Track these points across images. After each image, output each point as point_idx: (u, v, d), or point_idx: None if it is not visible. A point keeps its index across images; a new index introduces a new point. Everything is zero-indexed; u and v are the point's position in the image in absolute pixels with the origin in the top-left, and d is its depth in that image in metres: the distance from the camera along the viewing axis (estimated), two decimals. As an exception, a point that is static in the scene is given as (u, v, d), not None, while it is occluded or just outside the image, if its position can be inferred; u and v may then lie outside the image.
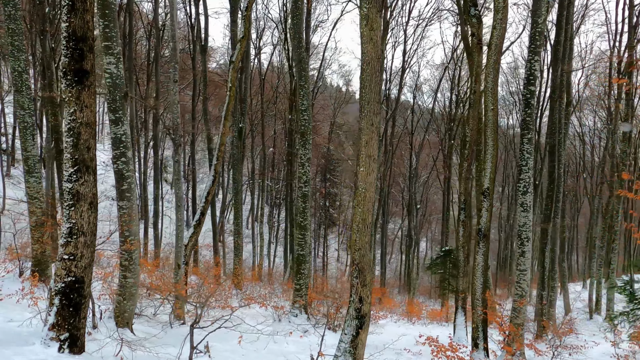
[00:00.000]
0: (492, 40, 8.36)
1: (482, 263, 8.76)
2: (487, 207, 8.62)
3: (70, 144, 5.37)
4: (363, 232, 6.02)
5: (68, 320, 5.47)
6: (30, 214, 11.27)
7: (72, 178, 5.40)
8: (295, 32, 11.02)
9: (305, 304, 11.66)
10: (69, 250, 5.46)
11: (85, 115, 5.38)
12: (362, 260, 6.09)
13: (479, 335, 8.97)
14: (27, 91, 10.78)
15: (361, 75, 5.68)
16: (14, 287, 9.90)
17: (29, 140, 10.95)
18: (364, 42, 5.57)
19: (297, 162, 11.45)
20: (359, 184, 5.96)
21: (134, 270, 7.33)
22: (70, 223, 5.45)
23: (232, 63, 12.71)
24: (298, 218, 11.52)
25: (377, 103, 5.74)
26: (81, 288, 5.54)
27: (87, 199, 5.50)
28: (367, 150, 5.80)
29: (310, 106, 11.39)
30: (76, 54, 5.26)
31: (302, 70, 11.14)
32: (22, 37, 10.64)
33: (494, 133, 8.58)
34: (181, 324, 9.10)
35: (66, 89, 5.30)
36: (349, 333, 6.13)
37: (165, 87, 27.72)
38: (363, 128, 5.78)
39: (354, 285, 6.13)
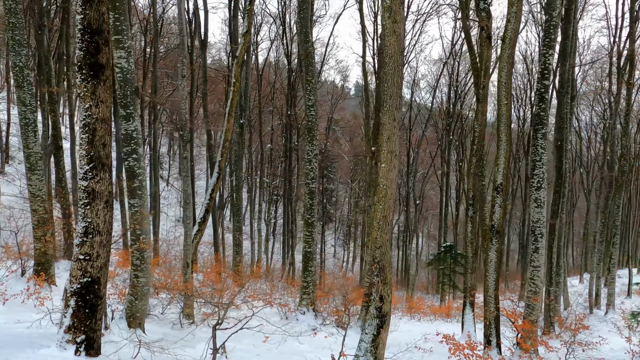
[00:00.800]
0: (507, 34, 8.25)
1: (494, 260, 8.68)
2: (500, 203, 8.54)
3: (86, 140, 5.20)
4: (384, 230, 5.90)
5: (84, 322, 5.31)
6: (33, 212, 11.05)
7: (88, 176, 5.24)
8: (302, 26, 10.85)
9: (313, 302, 11.55)
10: (85, 250, 5.30)
11: (101, 110, 5.22)
12: (383, 258, 5.97)
13: (491, 332, 8.90)
14: (29, 87, 10.54)
15: (383, 69, 5.54)
16: (18, 287, 9.71)
17: (31, 137, 10.72)
18: (387, 34, 5.43)
19: (304, 158, 11.30)
20: (380, 180, 5.84)
21: (146, 269, 7.17)
22: (86, 222, 5.28)
23: (235, 58, 12.53)
24: (305, 215, 11.40)
25: (399, 97, 5.62)
26: (97, 289, 5.39)
27: (103, 197, 5.34)
28: (389, 146, 5.68)
29: (317, 101, 11.24)
30: (91, 47, 5.08)
31: (309, 65, 10.97)
32: (23, 31, 10.39)
33: (507, 128, 8.49)
34: (190, 323, 8.95)
35: (81, 84, 5.12)
36: (370, 332, 6.02)
37: (160, 82, 27.40)
38: (385, 123, 5.65)
39: (375, 283, 6.01)
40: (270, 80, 33.60)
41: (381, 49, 23.40)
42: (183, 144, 9.23)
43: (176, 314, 9.81)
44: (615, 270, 19.33)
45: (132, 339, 5.79)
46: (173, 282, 9.53)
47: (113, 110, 20.24)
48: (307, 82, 10.97)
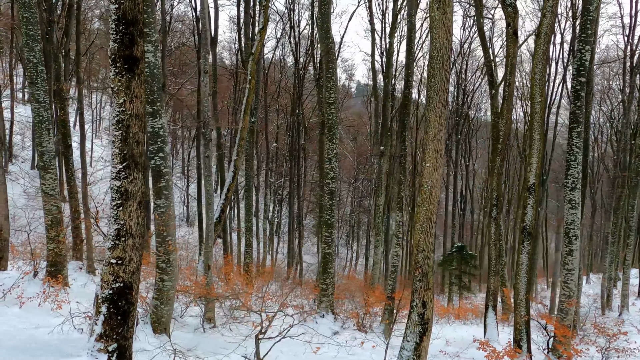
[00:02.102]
0: (542, 29, 7.98)
1: (526, 262, 8.42)
2: (532, 204, 8.28)
3: (119, 137, 4.92)
4: (428, 232, 5.63)
5: (116, 330, 5.04)
6: (46, 212, 10.76)
7: (121, 175, 4.95)
8: (323, 21, 10.56)
9: (332, 305, 11.28)
10: (117, 254, 5.02)
11: (135, 106, 4.93)
12: (426, 263, 5.70)
13: (521, 337, 8.64)
14: (43, 83, 10.26)
15: (430, 64, 5.27)
16: (32, 289, 9.42)
17: (45, 135, 10.44)
18: (436, 26, 5.16)
19: (324, 158, 11.04)
20: (424, 180, 5.56)
21: (172, 273, 6.89)
22: (118, 224, 5.00)
23: (251, 55, 12.24)
24: (325, 215, 11.12)
25: (446, 94, 5.34)
26: (129, 295, 5.11)
27: (136, 198, 5.06)
28: (435, 144, 5.41)
29: (337, 99, 10.95)
30: (126, 39, 4.80)
31: (330, 62, 10.69)
32: (37, 26, 10.10)
33: (540, 126, 8.23)
34: (212, 327, 8.68)
35: (115, 78, 4.84)
36: (412, 340, 5.75)
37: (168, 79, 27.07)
38: (430, 120, 5.38)
39: (417, 289, 5.74)
40: (276, 79, 33.30)
41: (390, 48, 23.12)
42: (205, 143, 8.96)
43: (194, 317, 9.54)
44: (629, 271, 19.10)
45: (166, 347, 5.51)
46: (194, 283, 9.25)
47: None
48: (327, 79, 10.69)
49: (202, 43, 8.90)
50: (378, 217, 25.12)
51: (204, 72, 8.34)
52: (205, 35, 8.74)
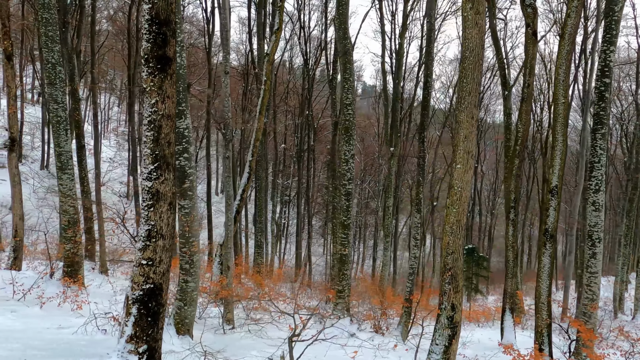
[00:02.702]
0: (566, 30, 7.91)
1: (548, 265, 8.34)
2: (555, 206, 8.20)
3: (151, 138, 4.90)
4: (457, 235, 5.58)
5: (146, 332, 5.01)
6: (63, 212, 10.79)
7: (152, 176, 4.93)
8: (341, 22, 10.52)
9: (348, 306, 11.22)
10: (148, 255, 4.99)
11: (167, 106, 4.91)
12: (455, 265, 5.65)
13: (543, 340, 8.55)
14: (61, 84, 10.28)
15: (462, 64, 5.22)
16: (51, 289, 9.43)
17: (62, 136, 10.46)
18: (469, 26, 5.11)
19: (340, 159, 11.00)
20: (454, 182, 5.51)
21: (195, 274, 6.87)
22: (149, 225, 4.98)
23: (267, 56, 12.23)
24: (341, 217, 11.07)
25: (478, 94, 5.29)
26: (159, 296, 5.08)
27: (167, 199, 5.04)
28: (466, 145, 5.36)
29: (354, 100, 10.93)
30: (159, 39, 4.78)
31: (347, 63, 10.66)
32: (55, 27, 10.13)
33: (564, 128, 8.15)
34: (231, 328, 8.64)
35: (147, 78, 4.82)
36: (441, 343, 5.69)
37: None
38: (462, 121, 5.33)
39: (447, 291, 5.69)
40: (284, 80, 33.29)
41: (400, 49, 23.06)
42: (226, 143, 8.94)
43: (212, 318, 9.51)
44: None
45: (195, 349, 5.47)
46: (213, 284, 9.22)
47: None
48: (344, 80, 10.65)
49: (223, 44, 8.89)
50: (387, 218, 25.05)
51: (224, 72, 8.32)
52: (226, 36, 8.72)
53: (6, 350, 5.38)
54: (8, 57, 12.60)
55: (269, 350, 7.16)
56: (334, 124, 18.15)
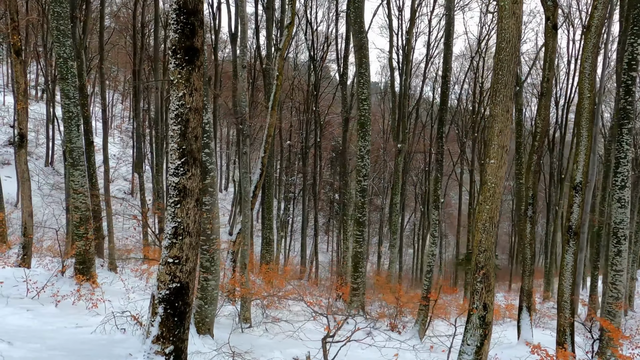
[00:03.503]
0: (592, 22, 7.73)
1: (571, 263, 8.19)
2: (579, 203, 8.03)
3: (178, 132, 4.74)
4: (490, 232, 5.42)
5: (173, 332, 4.87)
6: (75, 209, 10.64)
7: (179, 171, 4.78)
8: (357, 16, 10.34)
9: (363, 304, 11.08)
10: (174, 253, 4.85)
11: (195, 99, 4.75)
12: (487, 264, 5.49)
13: (565, 339, 8.41)
14: (73, 79, 10.13)
15: (498, 56, 5.05)
16: (63, 287, 9.29)
17: (74, 131, 10.32)
18: (505, 16, 4.94)
19: (356, 155, 10.83)
20: (487, 177, 5.35)
21: (216, 272, 6.72)
22: (176, 222, 4.83)
23: (279, 50, 12.04)
24: (356, 214, 10.92)
25: (513, 86, 5.12)
26: (186, 295, 4.94)
27: (194, 195, 4.89)
28: (500, 140, 5.19)
29: (370, 95, 10.75)
30: (187, 29, 4.62)
31: (363, 57, 10.47)
32: (67, 21, 9.97)
33: (589, 123, 7.98)
34: (248, 327, 8.50)
35: (175, 70, 4.66)
36: (473, 343, 5.54)
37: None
38: (497, 115, 5.16)
39: (478, 291, 5.53)
40: (289, 76, 33.07)
41: (408, 45, 22.83)
42: (242, 139, 8.77)
43: (226, 316, 9.37)
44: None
45: (223, 350, 5.33)
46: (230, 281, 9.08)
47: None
48: (360, 74, 10.47)
49: (240, 37, 8.72)
50: (395, 215, 24.89)
51: (242, 67, 8.16)
52: (243, 29, 8.55)
53: (27, 350, 5.25)
54: (17, 53, 12.42)
55: (291, 350, 7.03)
56: (344, 119, 17.98)
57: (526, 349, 9.39)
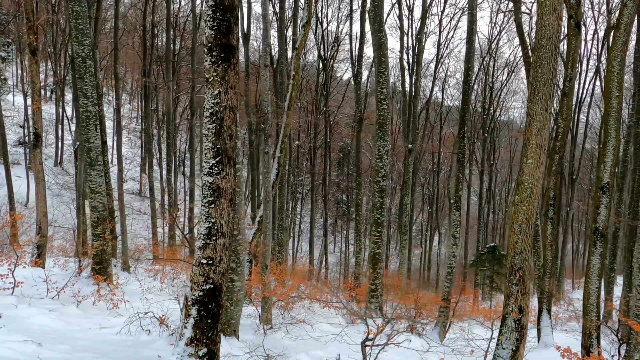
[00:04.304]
0: (622, 20, 7.61)
1: (598, 265, 8.06)
2: (606, 204, 7.91)
3: (212, 131, 4.66)
4: (526, 233, 5.31)
5: (206, 334, 4.79)
6: (92, 209, 10.60)
7: (214, 171, 4.70)
8: (376, 14, 10.25)
9: (382, 305, 10.98)
10: (208, 254, 4.77)
11: (230, 98, 4.67)
12: (523, 266, 5.38)
13: (591, 343, 8.27)
14: (91, 78, 10.08)
15: (537, 53, 4.94)
16: (83, 287, 9.23)
17: (92, 131, 10.28)
18: (546, 12, 4.83)
19: (375, 155, 10.73)
20: (524, 178, 5.24)
21: (242, 273, 6.64)
22: (210, 222, 4.75)
23: (295, 50, 12.01)
24: (375, 214, 10.82)
25: (553, 85, 5.02)
26: (219, 296, 4.86)
27: (228, 195, 4.80)
28: (538, 139, 5.08)
29: (389, 95, 10.65)
30: (223, 26, 4.54)
31: (382, 56, 10.38)
32: (86, 19, 9.94)
33: (617, 122, 7.86)
34: (269, 328, 8.42)
35: (210, 67, 4.58)
36: (508, 347, 5.43)
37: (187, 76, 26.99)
38: (535, 114, 5.05)
39: (514, 293, 5.42)
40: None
41: (419, 45, 22.69)
42: (265, 139, 8.70)
43: (245, 317, 9.28)
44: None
45: (256, 353, 5.24)
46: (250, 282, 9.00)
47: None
48: (379, 74, 10.38)
49: (264, 35, 8.65)
50: (405, 216, 24.76)
51: (264, 65, 8.09)
52: (266, 27, 8.48)
53: (57, 352, 5.18)
54: (33, 52, 12.39)
55: (316, 352, 6.94)
56: (358, 119, 17.89)
57: (548, 352, 9.26)
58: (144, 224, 28.82)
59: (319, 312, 12.17)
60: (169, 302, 8.48)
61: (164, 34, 32.73)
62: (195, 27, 19.67)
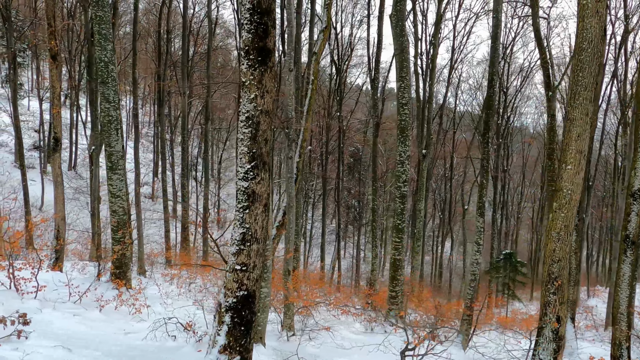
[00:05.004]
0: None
1: (628, 274, 7.89)
2: (637, 211, 7.75)
3: (248, 135, 4.61)
4: (565, 241, 5.18)
5: (239, 342, 4.72)
6: (112, 214, 10.60)
7: (249, 175, 4.64)
8: (398, 19, 10.19)
9: (402, 313, 10.83)
10: (242, 260, 4.70)
11: (266, 102, 4.62)
12: (562, 274, 5.25)
13: (621, 353, 8.08)
14: (113, 83, 10.10)
15: (579, 57, 4.84)
16: (107, 292, 9.19)
17: (113, 135, 10.28)
18: (588, 15, 4.74)
19: (396, 160, 10.64)
20: (563, 184, 5.12)
21: (269, 279, 6.58)
22: (244, 228, 4.69)
23: (314, 54, 11.94)
24: (395, 220, 10.71)
25: (594, 89, 4.91)
26: (252, 303, 4.79)
27: (262, 200, 4.74)
28: (578, 144, 4.97)
29: (410, 100, 10.57)
30: (260, 29, 4.49)
31: (404, 61, 10.31)
32: (109, 24, 9.96)
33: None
34: (292, 335, 8.32)
35: (247, 71, 4.53)
36: (545, 357, 5.29)
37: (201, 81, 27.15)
38: (575, 119, 4.94)
39: (551, 302, 5.29)
40: (310, 81, 33.01)
41: (434, 50, 22.58)
42: (289, 143, 8.66)
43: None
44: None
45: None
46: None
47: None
48: (400, 78, 10.30)
49: (288, 40, 8.63)
50: (419, 222, 24.56)
51: (289, 70, 8.06)
52: (291, 32, 8.46)
53: (86, 357, 5.13)
54: (53, 57, 12.48)
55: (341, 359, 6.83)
56: (375, 124, 17.82)
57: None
58: (156, 228, 28.90)
59: (336, 318, 12.05)
60: (190, 308, 8.44)
61: (176, 39, 33.00)
62: (211, 32, 19.75)
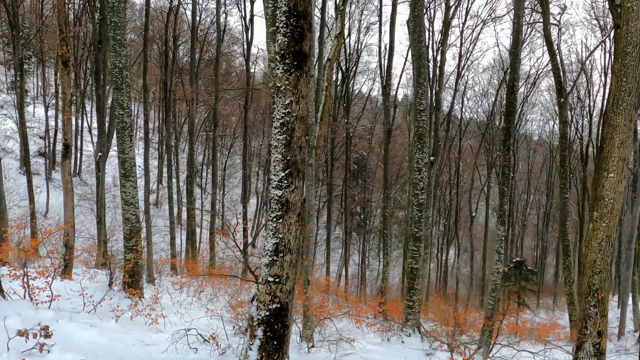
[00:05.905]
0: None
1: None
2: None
3: (283, 142, 4.45)
4: (606, 252, 5.01)
5: (272, 357, 4.54)
6: (125, 221, 10.44)
7: (283, 184, 4.48)
8: (416, 24, 10.07)
9: (419, 323, 10.62)
10: (275, 272, 4.53)
11: (301, 107, 4.48)
12: (603, 286, 5.06)
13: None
14: (127, 89, 9.99)
15: (622, 61, 4.69)
16: (122, 302, 9.00)
17: (127, 142, 10.15)
18: (632, 18, 4.59)
19: (413, 167, 10.47)
20: (605, 193, 4.95)
21: (293, 290, 6.36)
22: (277, 238, 4.52)
23: (328, 61, 11.84)
24: (413, 228, 10.53)
25: (638, 95, 4.75)
26: (285, 317, 4.61)
27: (296, 210, 4.58)
28: (621, 152, 4.80)
29: (428, 106, 10.43)
30: (296, 33, 4.36)
31: (422, 67, 10.18)
32: (123, 30, 9.88)
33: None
34: (311, 346, 8.12)
35: (282, 75, 4.39)
36: (586, 373, 5.07)
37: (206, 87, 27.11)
38: (618, 125, 4.78)
39: (592, 316, 5.10)
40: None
41: (442, 57, 22.51)
42: (309, 150, 8.51)
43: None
44: None
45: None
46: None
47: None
48: (418, 84, 10.17)
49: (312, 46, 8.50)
50: (426, 229, 24.35)
51: (310, 76, 7.91)
52: (313, 38, 8.34)
53: (111, 372, 4.94)
54: (64, 63, 12.37)
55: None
56: (386, 131, 17.70)
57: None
58: (160, 235, 28.71)
59: (349, 328, 11.84)
60: (206, 318, 8.25)
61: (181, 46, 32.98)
62: (220, 39, 19.68)
